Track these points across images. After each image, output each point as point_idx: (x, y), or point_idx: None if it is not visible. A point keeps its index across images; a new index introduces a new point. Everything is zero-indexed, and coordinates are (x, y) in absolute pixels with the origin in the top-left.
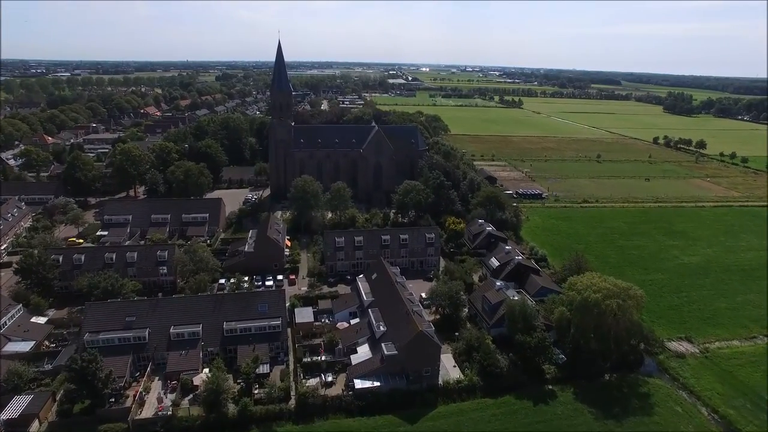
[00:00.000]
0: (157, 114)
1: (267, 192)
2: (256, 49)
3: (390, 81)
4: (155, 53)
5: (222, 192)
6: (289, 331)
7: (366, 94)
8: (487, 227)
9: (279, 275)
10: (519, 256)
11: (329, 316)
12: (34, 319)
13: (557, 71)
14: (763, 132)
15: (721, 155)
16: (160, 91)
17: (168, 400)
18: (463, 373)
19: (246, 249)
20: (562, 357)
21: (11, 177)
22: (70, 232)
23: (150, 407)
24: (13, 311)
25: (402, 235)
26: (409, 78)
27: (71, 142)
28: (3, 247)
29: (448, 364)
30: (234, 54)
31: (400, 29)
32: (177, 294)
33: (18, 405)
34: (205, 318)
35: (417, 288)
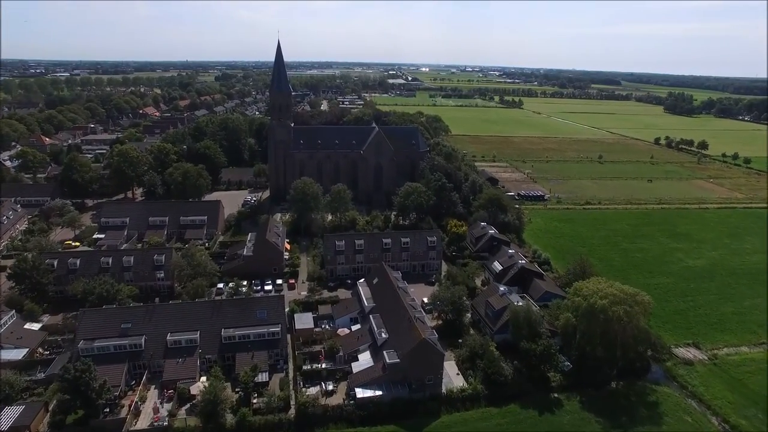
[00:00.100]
0: (156, 114)
1: (266, 194)
2: (255, 49)
3: (390, 81)
4: (155, 53)
5: (221, 194)
6: (289, 338)
7: (366, 94)
8: (490, 230)
9: (278, 279)
10: (522, 259)
11: (329, 321)
12: (27, 326)
13: (557, 71)
14: (765, 132)
15: (724, 156)
16: (159, 92)
17: (164, 410)
18: (467, 381)
19: (245, 252)
20: (567, 364)
21: (7, 179)
22: (66, 234)
23: (146, 418)
24: (6, 318)
25: (403, 239)
26: (409, 78)
27: (69, 143)
28: None
29: (451, 371)
30: (234, 54)
31: (400, 29)
32: (174, 299)
33: (9, 416)
34: (203, 325)
35: (418, 292)
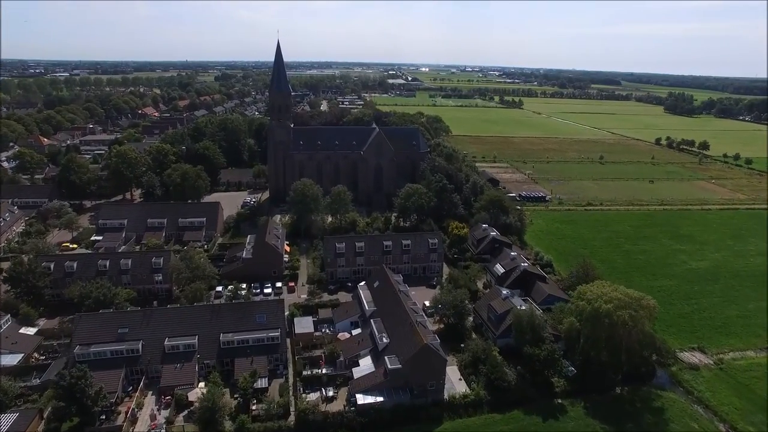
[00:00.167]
0: (155, 115)
1: (266, 195)
2: (255, 49)
3: (390, 81)
4: (154, 53)
5: (220, 195)
6: (288, 342)
7: (365, 94)
8: (491, 232)
9: (278, 282)
10: (525, 262)
11: (330, 325)
12: (23, 330)
13: (557, 71)
14: (765, 133)
15: (725, 156)
16: (158, 92)
17: (161, 417)
18: (470, 387)
19: (244, 255)
20: (571, 369)
21: (5, 180)
22: (64, 236)
23: (143, 425)
24: (1, 322)
25: (404, 241)
26: (409, 78)
27: (67, 143)
28: None
29: (453, 376)
30: (233, 54)
31: (400, 29)
32: (172, 302)
33: (2, 424)
34: (201, 329)
35: (420, 295)
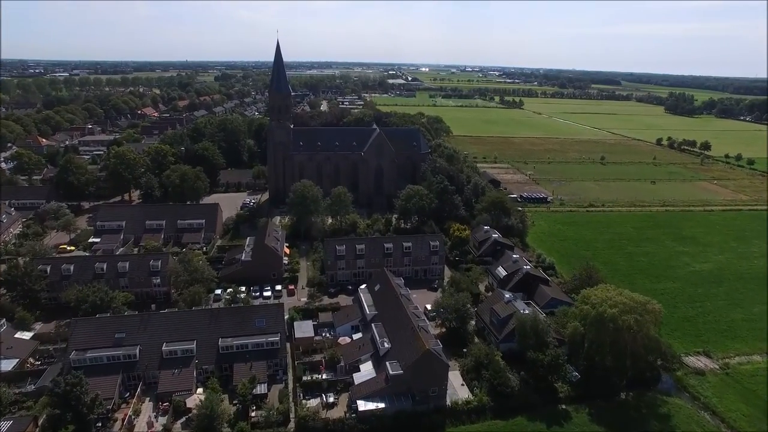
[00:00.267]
0: (155, 115)
1: (265, 196)
2: (255, 49)
3: (390, 81)
4: (154, 53)
5: (219, 196)
6: (288, 347)
7: (365, 94)
8: (493, 234)
9: (277, 285)
10: (527, 265)
11: (330, 329)
12: (18, 335)
13: (557, 71)
14: (765, 133)
15: (727, 157)
16: (158, 92)
17: (159, 424)
18: (472, 393)
19: (243, 258)
20: (575, 374)
21: (2, 181)
22: (61, 238)
23: None
24: None
25: (405, 243)
26: (409, 78)
27: (66, 144)
28: None
29: (455, 382)
30: (233, 54)
31: (400, 29)
32: (171, 306)
33: None
34: (200, 334)
35: (421, 298)
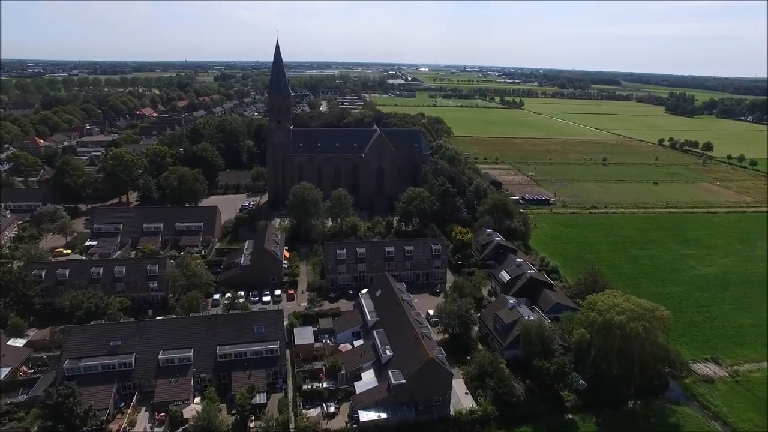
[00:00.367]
0: (154, 115)
1: (265, 198)
2: (255, 49)
3: (389, 81)
4: (154, 53)
5: (218, 198)
6: (288, 354)
7: (365, 94)
8: (496, 237)
9: (277, 290)
10: (531, 269)
11: (331, 336)
12: (11, 342)
13: (557, 71)
14: (766, 134)
15: (729, 158)
16: (157, 92)
17: None
18: (476, 402)
19: (242, 261)
20: (582, 383)
21: None
22: (58, 241)
23: None
24: None
25: (407, 247)
26: (409, 78)
27: (64, 144)
28: None
29: (459, 390)
30: (233, 54)
31: (400, 29)
32: (168, 311)
33: None
34: (197, 341)
35: (423, 303)
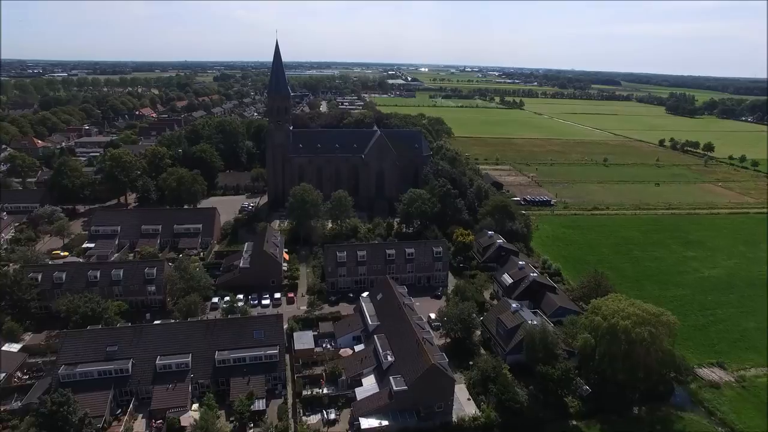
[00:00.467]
0: (153, 116)
1: (264, 199)
2: (255, 49)
3: (389, 81)
4: (153, 53)
5: (217, 199)
6: (288, 358)
7: (365, 94)
8: (498, 240)
9: (276, 293)
10: (534, 272)
11: (331, 340)
12: (6, 347)
13: (557, 71)
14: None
15: (731, 158)
16: (156, 92)
17: None
18: (479, 408)
19: (241, 264)
20: (586, 388)
21: None
22: (55, 243)
23: None
24: None
25: (408, 250)
26: (409, 78)
27: (62, 145)
28: None
29: (461, 396)
30: (233, 54)
31: (399, 29)
32: (166, 315)
33: None
34: (195, 347)
35: (425, 306)
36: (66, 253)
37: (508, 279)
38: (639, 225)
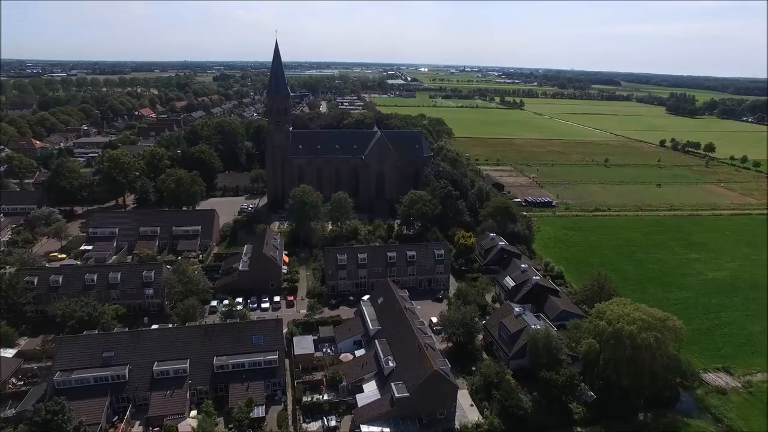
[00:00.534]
0: (152, 116)
1: (264, 200)
2: (254, 49)
3: (389, 81)
4: (153, 53)
5: (216, 200)
6: (287, 363)
7: (365, 94)
8: (500, 242)
9: (276, 296)
10: (536, 275)
11: (331, 345)
12: (0, 353)
13: (557, 71)
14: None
15: (732, 159)
16: (156, 92)
17: None
18: (482, 414)
19: (240, 267)
20: (591, 394)
21: None
22: (52, 245)
23: None
24: None
25: (409, 252)
26: (408, 78)
27: (60, 146)
28: None
29: (464, 402)
30: (232, 54)
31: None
32: (164, 319)
33: None
34: (193, 352)
35: (426, 310)
36: (63, 256)
37: (510, 282)
38: (641, 226)
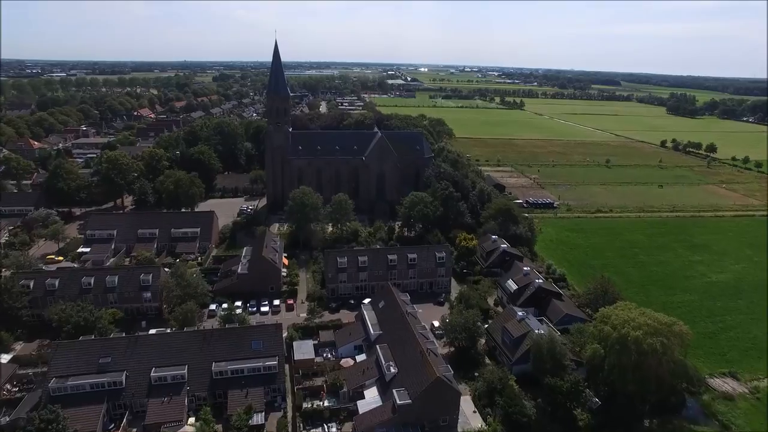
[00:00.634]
0: (151, 116)
1: (263, 202)
2: (254, 49)
3: (389, 82)
4: (153, 53)
5: (215, 201)
6: (287, 368)
7: (365, 95)
8: (502, 244)
9: (276, 300)
10: (538, 278)
11: (332, 350)
12: None
13: (556, 71)
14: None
15: (733, 159)
16: (155, 92)
17: None
18: (485, 421)
19: (239, 270)
20: (595, 400)
21: None
22: (49, 247)
23: None
24: None
25: (410, 255)
26: (408, 78)
27: (59, 146)
28: None
29: (467, 408)
30: (232, 54)
31: (399, 29)
32: (162, 323)
33: None
34: (191, 358)
35: (427, 313)
36: (61, 258)
37: (512, 285)
38: (643, 228)
